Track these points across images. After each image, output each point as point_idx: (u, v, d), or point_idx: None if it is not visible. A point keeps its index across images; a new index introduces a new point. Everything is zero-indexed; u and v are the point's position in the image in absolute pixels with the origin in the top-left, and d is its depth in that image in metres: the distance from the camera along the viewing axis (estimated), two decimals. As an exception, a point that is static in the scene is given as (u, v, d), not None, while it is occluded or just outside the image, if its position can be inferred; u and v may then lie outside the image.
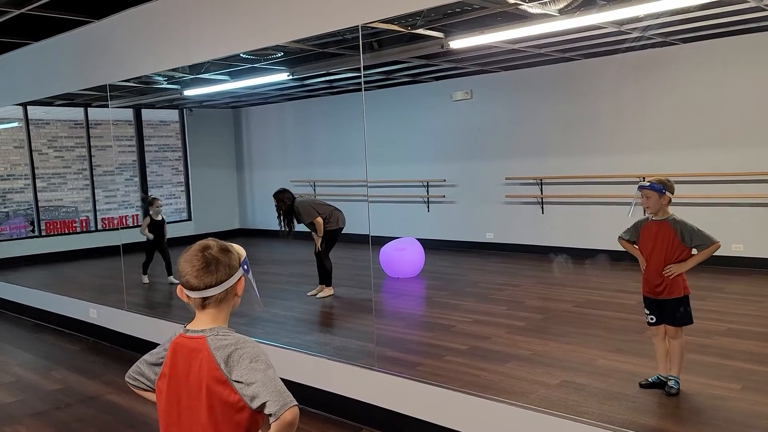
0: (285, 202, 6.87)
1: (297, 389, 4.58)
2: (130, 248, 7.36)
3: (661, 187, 3.86)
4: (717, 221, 7.62)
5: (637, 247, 4.04)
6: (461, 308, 6.27)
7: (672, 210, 3.98)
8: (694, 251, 3.85)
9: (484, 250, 9.50)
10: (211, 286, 1.76)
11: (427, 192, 10.27)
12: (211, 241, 1.84)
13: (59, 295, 7.02)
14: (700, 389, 3.92)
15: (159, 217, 7.83)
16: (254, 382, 1.66)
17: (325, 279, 6.98)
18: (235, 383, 1.69)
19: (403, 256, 7.91)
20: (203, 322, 1.81)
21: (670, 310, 3.85)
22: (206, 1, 4.98)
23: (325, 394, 4.18)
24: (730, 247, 7.52)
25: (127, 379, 1.96)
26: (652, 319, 3.97)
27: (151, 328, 5.58)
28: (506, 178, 9.35)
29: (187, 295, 1.80)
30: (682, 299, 3.84)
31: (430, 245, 8.37)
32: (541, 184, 9.08)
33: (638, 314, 5.71)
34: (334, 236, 6.96)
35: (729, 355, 4.52)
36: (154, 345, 1.92)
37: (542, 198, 9.10)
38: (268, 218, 8.10)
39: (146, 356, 1.93)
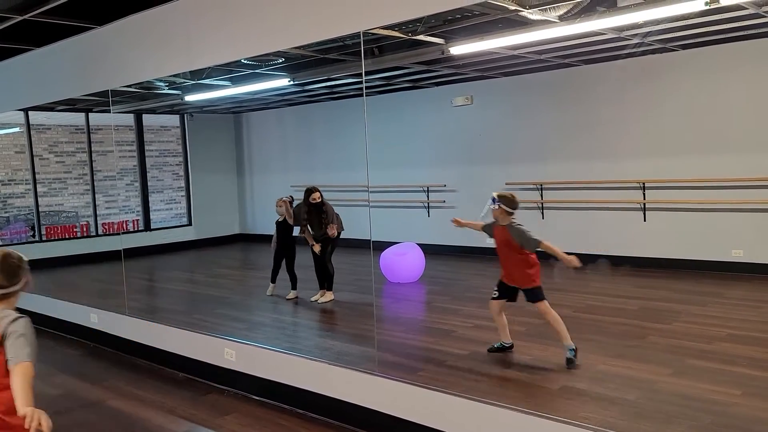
0: (315, 199, 6.84)
1: (298, 394, 4.59)
2: (130, 253, 7.37)
3: (496, 200, 4.65)
4: (717, 226, 7.65)
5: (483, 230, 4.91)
6: (462, 313, 6.27)
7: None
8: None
9: (484, 255, 9.46)
10: (13, 285, 2.54)
11: (428, 197, 10.29)
12: (11, 251, 2.56)
13: (60, 300, 7.02)
14: (701, 394, 3.92)
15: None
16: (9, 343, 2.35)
17: (327, 283, 6.99)
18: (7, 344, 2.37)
19: (404, 261, 7.92)
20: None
21: (529, 294, 4.66)
22: (208, 8, 5.00)
23: (326, 399, 4.18)
24: (730, 253, 7.54)
25: None
26: (495, 294, 4.79)
27: (152, 333, 5.58)
28: (506, 183, 9.35)
29: None
30: (536, 288, 4.62)
31: (430, 250, 8.39)
32: (542, 189, 9.09)
33: (638, 320, 5.74)
34: (336, 240, 7.00)
35: (730, 360, 4.53)
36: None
37: (542, 203, 9.11)
38: (269, 223, 8.11)
39: None
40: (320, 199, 6.87)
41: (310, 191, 6.92)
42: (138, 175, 12.28)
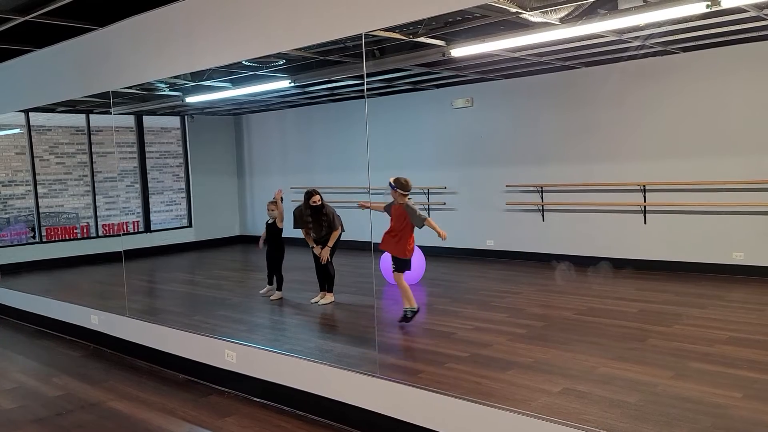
0: (315, 202, 6.84)
1: (298, 396, 4.58)
2: (130, 254, 7.37)
3: (393, 185, 5.83)
4: (718, 229, 7.65)
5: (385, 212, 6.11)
6: (462, 315, 6.27)
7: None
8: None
9: (484, 258, 9.50)
10: None
11: (428, 199, 10.28)
12: None
13: (60, 301, 7.02)
14: (702, 397, 3.92)
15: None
16: None
17: (328, 285, 6.99)
18: None
19: (404, 263, 7.90)
20: None
21: (399, 263, 5.85)
22: (209, 9, 5.01)
23: (326, 401, 4.18)
24: (731, 255, 7.53)
25: None
26: (394, 266, 5.91)
27: (153, 335, 5.58)
28: (507, 186, 9.36)
29: None
30: (405, 260, 5.84)
31: (430, 252, 8.37)
32: (542, 191, 9.10)
33: (639, 322, 5.74)
34: (337, 242, 7.00)
35: (731, 363, 4.52)
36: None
37: (543, 205, 9.11)
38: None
39: None
40: (320, 202, 6.87)
41: (310, 194, 6.91)
42: (138, 177, 12.29)
